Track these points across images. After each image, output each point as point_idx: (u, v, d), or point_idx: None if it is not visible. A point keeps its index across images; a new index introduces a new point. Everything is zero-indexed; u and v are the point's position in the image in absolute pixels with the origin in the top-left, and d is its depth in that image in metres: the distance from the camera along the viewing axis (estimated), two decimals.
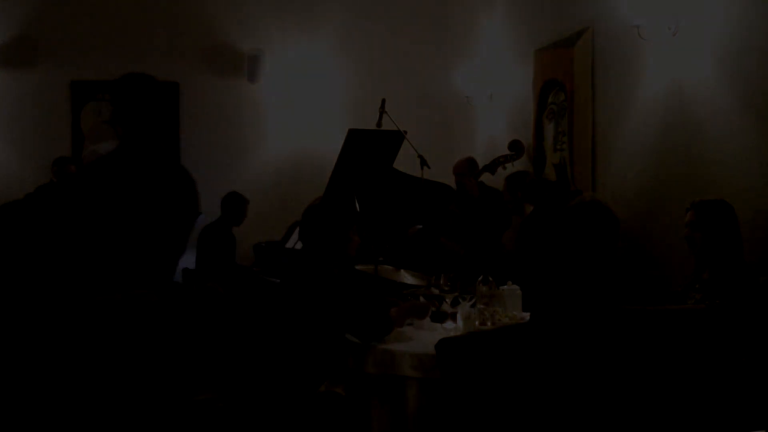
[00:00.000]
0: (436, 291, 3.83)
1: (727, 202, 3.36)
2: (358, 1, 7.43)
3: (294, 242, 5.91)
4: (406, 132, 5.45)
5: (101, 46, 7.07)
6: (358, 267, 4.27)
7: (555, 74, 5.51)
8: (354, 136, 5.40)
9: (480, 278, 3.75)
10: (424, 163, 5.44)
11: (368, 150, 5.49)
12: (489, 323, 3.56)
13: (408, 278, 4.10)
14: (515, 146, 5.73)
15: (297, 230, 5.97)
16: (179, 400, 4.61)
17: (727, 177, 3.82)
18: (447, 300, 3.72)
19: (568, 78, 5.29)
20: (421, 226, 5.56)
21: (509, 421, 2.93)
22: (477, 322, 3.58)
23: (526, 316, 3.72)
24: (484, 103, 6.78)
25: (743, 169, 3.73)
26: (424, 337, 3.53)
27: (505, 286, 3.81)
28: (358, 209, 5.34)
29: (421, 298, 3.87)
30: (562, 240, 3.55)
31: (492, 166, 5.71)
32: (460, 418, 3.03)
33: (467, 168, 5.64)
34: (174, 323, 6.12)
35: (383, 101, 5.39)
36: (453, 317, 3.69)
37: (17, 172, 6.91)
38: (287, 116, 7.36)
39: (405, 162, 5.64)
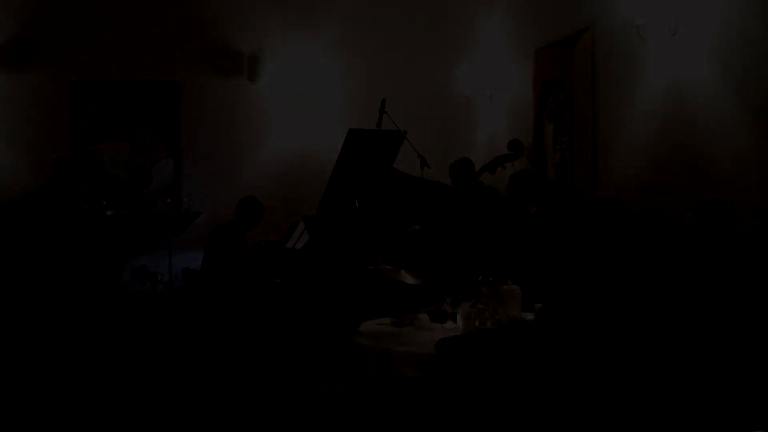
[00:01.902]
0: (448, 309, 3.82)
1: (726, 201, 3.35)
2: (358, 1, 7.43)
3: (294, 242, 5.91)
4: (406, 132, 5.44)
5: (101, 46, 7.07)
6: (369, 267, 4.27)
7: (555, 74, 5.51)
8: (354, 136, 5.39)
9: (480, 278, 3.75)
10: (424, 163, 5.43)
11: (368, 150, 5.48)
12: (489, 323, 3.56)
13: (408, 278, 4.10)
14: (515, 146, 5.72)
15: (297, 230, 5.97)
16: (181, 400, 4.62)
17: (727, 176, 3.82)
18: (447, 300, 3.71)
19: (568, 78, 5.29)
20: (418, 227, 5.56)
21: (509, 421, 2.93)
22: (477, 322, 3.58)
23: (527, 316, 3.72)
24: (484, 103, 6.78)
25: (742, 168, 3.73)
26: (424, 337, 3.53)
27: (505, 286, 3.80)
28: (358, 209, 5.35)
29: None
30: (583, 238, 3.53)
31: (492, 166, 5.71)
32: (460, 418, 3.03)
33: (462, 168, 5.64)
34: (176, 323, 6.14)
35: (383, 101, 5.39)
36: (453, 317, 3.69)
37: (17, 171, 6.92)
38: (287, 116, 7.36)
39: (405, 162, 5.64)
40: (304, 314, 5.00)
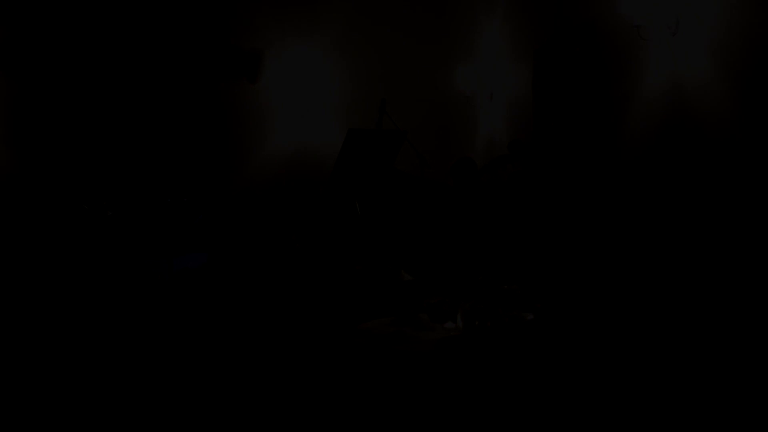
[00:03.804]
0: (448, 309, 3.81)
1: (725, 201, 3.36)
2: (358, 2, 7.43)
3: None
4: (406, 132, 5.45)
5: (101, 46, 7.07)
6: (357, 267, 4.27)
7: (555, 74, 5.52)
8: (354, 137, 5.39)
9: (480, 278, 3.75)
10: (424, 163, 5.43)
11: (368, 150, 5.48)
12: (489, 323, 3.56)
13: (408, 278, 4.10)
14: (515, 146, 5.73)
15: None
16: (181, 400, 4.62)
17: (726, 175, 3.82)
18: (447, 300, 3.71)
19: (567, 78, 5.29)
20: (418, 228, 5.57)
21: (509, 421, 2.93)
22: (477, 322, 3.58)
23: (527, 316, 3.72)
24: (484, 103, 6.78)
25: (742, 167, 3.73)
26: (424, 337, 3.53)
27: (505, 286, 3.80)
28: (358, 210, 5.35)
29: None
30: (583, 238, 3.55)
31: (492, 167, 5.71)
32: (461, 418, 3.03)
33: (463, 168, 5.64)
34: (176, 323, 6.15)
35: (383, 101, 5.39)
36: (453, 317, 3.69)
37: (16, 172, 6.92)
38: (287, 116, 7.37)
39: (405, 162, 5.65)
40: (303, 314, 5.01)
